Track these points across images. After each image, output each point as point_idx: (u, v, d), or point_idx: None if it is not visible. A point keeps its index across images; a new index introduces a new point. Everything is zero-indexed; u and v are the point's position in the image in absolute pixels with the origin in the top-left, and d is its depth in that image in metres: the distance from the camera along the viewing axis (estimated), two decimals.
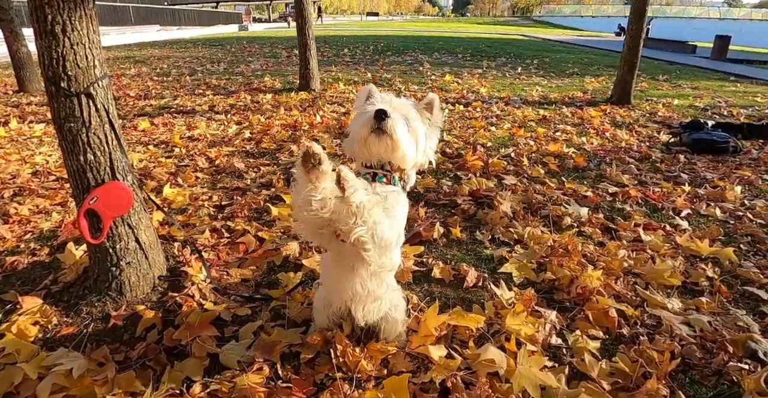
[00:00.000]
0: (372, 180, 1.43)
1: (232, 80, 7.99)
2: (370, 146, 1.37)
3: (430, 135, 1.50)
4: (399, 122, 1.35)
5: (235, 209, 2.79)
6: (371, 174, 1.45)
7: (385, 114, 1.32)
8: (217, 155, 3.89)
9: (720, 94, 8.32)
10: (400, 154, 1.39)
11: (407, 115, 1.41)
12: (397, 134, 1.34)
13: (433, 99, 1.50)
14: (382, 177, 1.45)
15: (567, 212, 2.89)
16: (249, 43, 15.66)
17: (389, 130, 1.33)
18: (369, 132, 1.34)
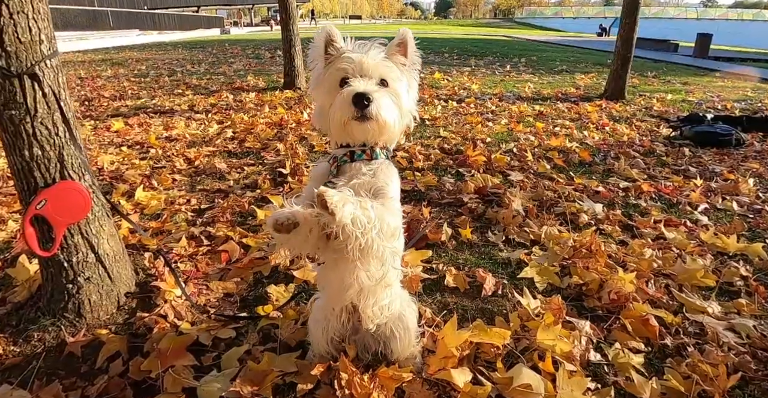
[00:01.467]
0: (351, 160, 1.23)
1: (213, 80, 7.65)
2: (352, 132, 1.15)
3: (410, 85, 1.25)
4: (384, 100, 1.12)
5: (216, 212, 2.48)
6: (348, 154, 1.24)
7: (367, 100, 1.08)
8: (197, 155, 3.57)
9: (710, 89, 8.26)
10: (387, 135, 1.19)
11: (387, 77, 1.17)
12: (383, 117, 1.11)
13: (405, 36, 1.23)
14: (362, 154, 1.24)
15: (582, 209, 2.66)
16: (231, 45, 15.25)
17: (374, 115, 1.10)
18: (349, 119, 1.11)
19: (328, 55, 1.22)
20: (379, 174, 1.22)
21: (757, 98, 7.48)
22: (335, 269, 1.23)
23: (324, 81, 1.20)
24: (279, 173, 3.11)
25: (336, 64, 1.17)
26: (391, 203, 1.18)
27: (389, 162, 1.28)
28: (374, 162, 1.24)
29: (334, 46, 1.21)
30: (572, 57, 13.20)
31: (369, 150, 1.25)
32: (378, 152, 1.26)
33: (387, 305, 1.33)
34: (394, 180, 1.25)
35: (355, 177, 1.20)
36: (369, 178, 1.20)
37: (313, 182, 1.26)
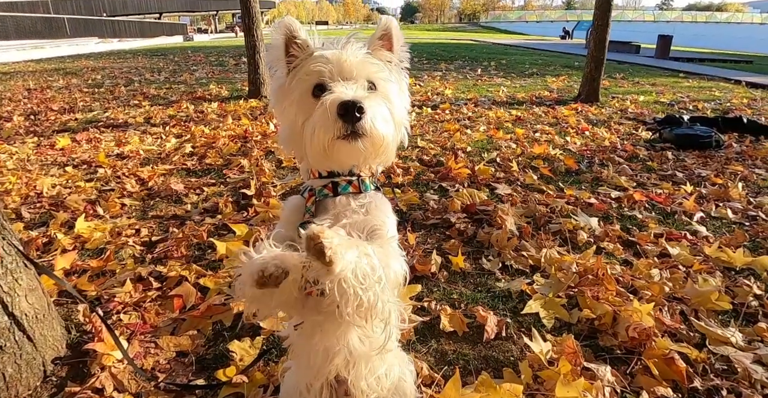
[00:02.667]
0: (333, 194, 0.97)
1: (173, 89, 7.21)
2: (338, 156, 0.87)
3: (401, 87, 0.98)
4: (378, 108, 0.85)
5: (169, 246, 2.14)
6: (330, 186, 0.97)
7: (359, 110, 0.81)
8: (151, 174, 3.21)
9: (678, 89, 8.34)
10: (383, 156, 0.91)
11: (375, 78, 0.91)
12: (380, 132, 0.85)
13: (389, 26, 0.97)
14: (347, 186, 0.98)
15: (579, 225, 2.45)
16: (194, 52, 14.68)
17: (368, 130, 0.83)
18: (333, 138, 0.83)
19: (291, 57, 0.95)
20: (373, 211, 0.96)
21: (725, 98, 7.57)
22: (318, 335, 0.95)
23: (290, 91, 0.92)
24: (243, 194, 2.78)
25: (305, 67, 0.91)
26: (391, 244, 0.92)
27: (381, 194, 1.02)
28: (364, 195, 0.98)
29: (297, 44, 0.94)
30: (540, 60, 13.27)
31: (357, 180, 0.99)
32: (368, 183, 1.00)
33: (385, 373, 1.06)
34: (390, 216, 0.99)
35: (343, 216, 0.94)
36: (361, 216, 0.94)
37: (285, 224, 0.98)
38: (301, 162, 1.03)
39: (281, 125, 0.98)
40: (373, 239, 0.92)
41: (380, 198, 1.01)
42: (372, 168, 1.01)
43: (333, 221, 0.92)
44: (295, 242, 0.90)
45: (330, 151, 0.85)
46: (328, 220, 0.92)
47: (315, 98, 0.88)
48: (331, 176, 0.98)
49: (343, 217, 0.94)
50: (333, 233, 0.74)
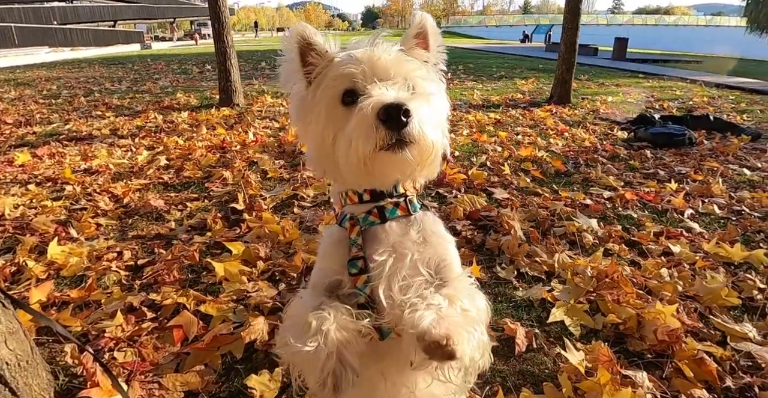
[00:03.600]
0: (381, 220, 0.85)
1: (137, 99, 6.87)
2: (381, 170, 0.75)
3: (439, 89, 0.88)
4: (424, 110, 0.74)
5: (158, 269, 1.95)
6: (376, 212, 0.86)
7: (406, 114, 0.70)
8: (126, 190, 2.98)
9: (642, 89, 8.62)
10: (431, 167, 0.80)
11: (414, 77, 0.81)
12: (428, 139, 0.73)
13: (424, 23, 0.87)
14: (395, 209, 0.86)
15: (582, 228, 2.42)
16: (154, 60, 14.15)
17: (416, 137, 0.72)
18: (375, 149, 0.72)
19: (310, 66, 0.84)
20: (431, 237, 0.85)
21: (686, 97, 7.88)
22: (382, 385, 0.86)
23: (315, 103, 0.81)
24: (232, 209, 2.61)
25: (331, 72, 0.80)
26: (467, 281, 0.82)
27: (430, 212, 0.91)
28: (415, 218, 0.87)
29: (316, 52, 0.83)
30: (506, 63, 13.50)
31: (404, 201, 0.87)
32: (416, 202, 0.89)
33: None
34: (449, 240, 0.89)
35: (401, 246, 0.82)
36: (420, 247, 0.83)
37: (329, 260, 0.87)
38: (336, 183, 0.91)
39: (307, 145, 0.87)
40: (441, 274, 0.82)
41: (431, 219, 0.90)
42: (416, 182, 0.90)
43: (389, 255, 0.81)
44: (343, 283, 0.84)
45: (371, 165, 0.73)
46: (385, 253, 0.81)
47: (346, 106, 0.77)
48: (374, 199, 0.87)
49: (401, 248, 0.82)
50: (459, 328, 0.66)
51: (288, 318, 0.81)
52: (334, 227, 0.91)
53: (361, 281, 0.81)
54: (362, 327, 0.76)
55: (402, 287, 0.79)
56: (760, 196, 3.09)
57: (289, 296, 1.74)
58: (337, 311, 0.75)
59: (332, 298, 0.81)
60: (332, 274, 0.84)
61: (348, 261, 0.83)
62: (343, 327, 0.73)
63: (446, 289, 0.78)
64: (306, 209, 2.58)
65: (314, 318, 0.72)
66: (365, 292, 0.81)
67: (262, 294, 1.71)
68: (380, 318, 0.80)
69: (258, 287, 1.77)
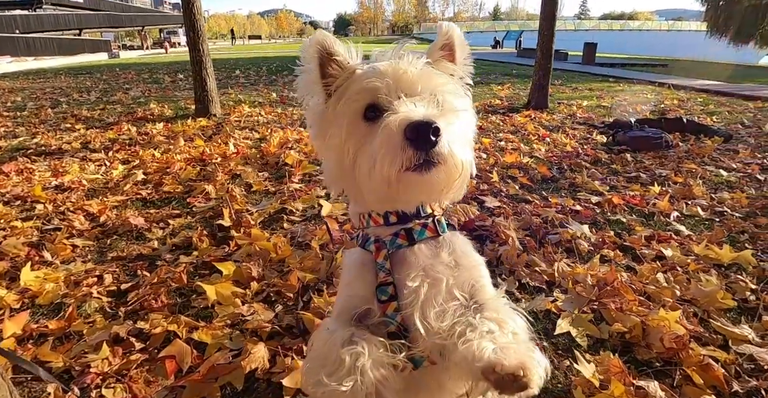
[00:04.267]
0: (408, 243, 0.81)
1: (108, 110, 6.63)
2: (406, 192, 0.72)
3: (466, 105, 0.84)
4: (453, 128, 0.71)
5: (144, 294, 1.84)
6: (403, 234, 0.82)
7: (435, 133, 0.66)
8: (102, 208, 2.83)
9: (614, 93, 8.84)
10: (458, 188, 0.77)
11: (442, 92, 0.77)
12: (458, 159, 0.70)
13: (450, 34, 0.83)
14: (424, 231, 0.83)
15: (576, 234, 2.42)
16: (123, 70, 13.76)
17: (445, 157, 0.68)
18: (401, 170, 0.68)
19: (329, 78, 0.80)
20: (462, 259, 0.81)
21: (658, 100, 8.10)
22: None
23: (336, 117, 0.77)
24: (218, 225, 2.50)
25: (354, 85, 0.76)
26: (503, 301, 0.79)
27: (457, 232, 0.88)
28: (444, 240, 0.83)
29: (337, 63, 0.79)
30: (480, 69, 13.59)
31: (432, 222, 0.83)
32: (444, 222, 0.86)
33: None
34: (480, 261, 0.85)
35: (433, 271, 0.78)
36: (454, 270, 0.79)
37: (354, 287, 0.82)
38: (356, 203, 0.87)
39: (325, 161, 0.82)
40: (476, 298, 0.78)
41: (460, 240, 0.86)
42: (442, 203, 0.86)
43: (422, 280, 0.77)
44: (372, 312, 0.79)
45: (396, 187, 0.69)
46: (417, 278, 0.77)
47: (368, 122, 0.74)
48: (401, 221, 0.82)
49: (434, 272, 0.78)
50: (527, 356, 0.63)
51: (315, 352, 0.75)
52: (357, 250, 0.86)
53: (391, 309, 0.77)
54: (398, 361, 0.71)
55: (438, 313, 0.75)
56: (739, 196, 3.17)
57: (287, 319, 1.66)
58: (371, 344, 0.70)
59: (361, 328, 0.76)
60: (360, 301, 0.79)
61: (376, 287, 0.78)
62: (379, 363, 0.68)
63: (488, 312, 0.74)
64: (296, 224, 2.49)
65: (348, 353, 0.68)
66: (396, 320, 0.77)
67: (259, 318, 1.62)
68: (414, 347, 0.76)
69: (253, 310, 1.68)
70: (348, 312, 0.79)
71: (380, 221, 0.83)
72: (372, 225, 0.84)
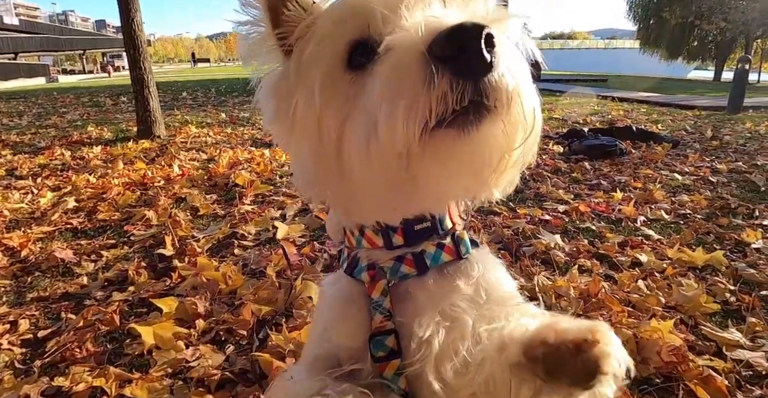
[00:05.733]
0: (418, 271, 0.56)
1: (41, 134, 6.11)
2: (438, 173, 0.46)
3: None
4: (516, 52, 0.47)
5: (66, 342, 1.53)
6: (410, 260, 0.57)
7: (490, 43, 0.39)
8: (24, 241, 2.47)
9: (563, 106, 9.13)
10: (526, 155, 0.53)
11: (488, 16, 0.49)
12: (526, 100, 0.46)
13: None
14: (440, 253, 0.58)
15: (550, 245, 2.32)
16: (61, 93, 12.97)
17: (509, 95, 0.42)
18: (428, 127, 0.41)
19: (285, 27, 0.54)
20: (495, 291, 0.58)
21: (605, 111, 8.42)
22: None
23: (302, 79, 0.51)
24: (159, 255, 2.21)
25: (328, 18, 0.50)
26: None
27: (486, 250, 0.65)
28: (466, 264, 0.60)
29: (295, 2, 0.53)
30: None
31: (452, 240, 0.60)
32: (467, 239, 0.62)
33: None
34: (516, 293, 0.62)
35: (453, 311, 0.54)
36: (483, 308, 0.55)
37: (333, 331, 0.58)
38: (346, 212, 0.59)
39: (294, 155, 0.58)
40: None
41: (489, 262, 0.63)
42: (490, 194, 0.57)
43: (440, 323, 0.53)
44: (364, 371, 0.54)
45: (420, 163, 0.43)
46: (431, 323, 0.52)
47: (356, 72, 0.47)
48: (409, 240, 0.57)
49: (455, 312, 0.54)
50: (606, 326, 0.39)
51: None
52: (341, 279, 0.62)
53: (391, 370, 0.54)
54: None
55: (460, 366, 0.51)
56: (698, 198, 3.23)
57: (241, 362, 1.41)
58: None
59: (339, 379, 0.52)
60: (344, 356, 0.55)
61: (370, 337, 0.54)
62: None
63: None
64: (249, 250, 2.23)
65: None
66: (398, 385, 0.53)
67: (206, 363, 1.36)
68: None
69: (200, 354, 1.42)
70: (322, 365, 0.56)
71: (378, 243, 0.59)
72: (365, 245, 0.61)
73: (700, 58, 25.30)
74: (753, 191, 3.50)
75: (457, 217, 0.63)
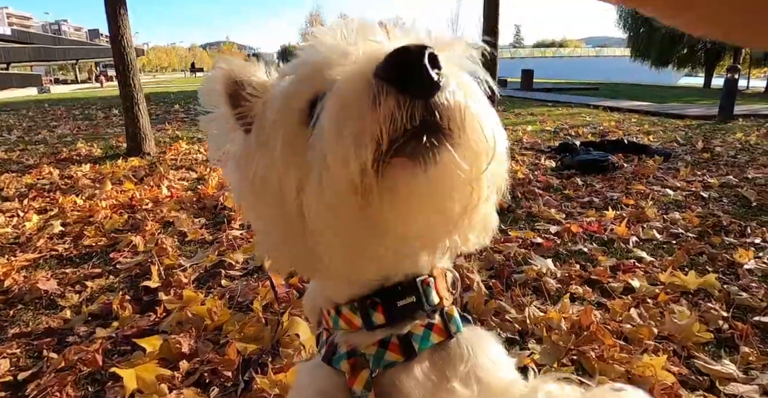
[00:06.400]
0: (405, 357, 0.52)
1: (29, 151, 6.05)
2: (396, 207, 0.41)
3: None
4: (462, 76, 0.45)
5: (47, 385, 1.48)
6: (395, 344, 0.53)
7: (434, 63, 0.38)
8: (8, 269, 2.42)
9: (555, 117, 9.17)
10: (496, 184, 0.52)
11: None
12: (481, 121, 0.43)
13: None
14: (429, 335, 0.54)
15: (541, 271, 2.30)
16: (52, 105, 12.91)
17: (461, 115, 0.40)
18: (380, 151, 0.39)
19: (242, 107, 0.56)
20: (488, 374, 0.54)
21: (596, 122, 8.46)
22: None
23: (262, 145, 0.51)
24: (144, 288, 2.16)
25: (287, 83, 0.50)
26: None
27: (477, 328, 0.61)
28: (457, 344, 0.56)
29: (252, 87, 0.56)
30: None
31: (440, 317, 0.56)
32: (456, 315, 0.58)
33: None
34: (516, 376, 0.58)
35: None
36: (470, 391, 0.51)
37: None
38: (316, 275, 0.57)
39: (259, 221, 0.55)
40: None
41: (483, 341, 0.59)
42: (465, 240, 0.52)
43: None
44: None
45: (378, 196, 0.40)
46: None
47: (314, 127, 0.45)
48: (391, 320, 0.53)
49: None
50: None
51: None
52: (318, 368, 0.56)
53: None
54: None
55: None
56: (690, 216, 3.22)
57: None
58: None
59: None
60: None
61: None
62: None
63: None
64: (236, 281, 2.20)
65: None
66: None
67: None
68: None
69: None
70: None
71: (357, 323, 0.54)
72: (343, 326, 0.56)
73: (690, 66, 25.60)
74: (744, 206, 3.50)
75: (445, 291, 0.60)
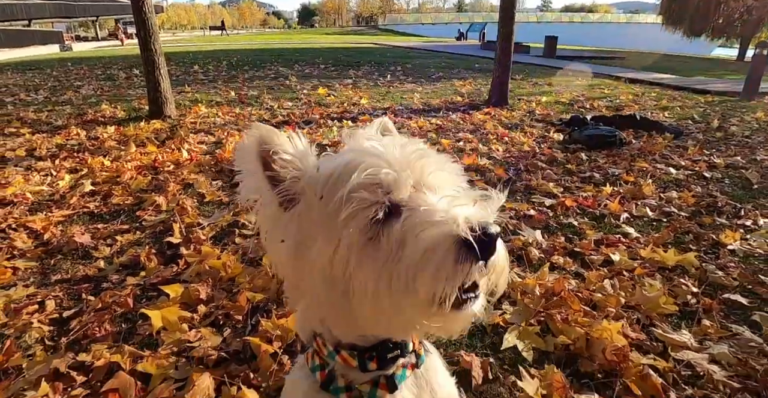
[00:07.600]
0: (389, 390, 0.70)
1: (57, 112, 6.32)
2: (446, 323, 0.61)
3: None
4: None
5: (87, 322, 1.77)
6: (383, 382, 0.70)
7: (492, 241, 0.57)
8: (46, 224, 2.71)
9: (573, 88, 9.04)
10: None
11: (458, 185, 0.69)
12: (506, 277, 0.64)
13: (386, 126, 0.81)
14: (405, 372, 0.72)
15: (527, 241, 2.48)
16: (75, 64, 13.10)
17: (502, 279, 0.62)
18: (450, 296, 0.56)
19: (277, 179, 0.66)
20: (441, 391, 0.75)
21: (614, 95, 8.35)
22: None
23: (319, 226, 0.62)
24: (168, 243, 2.43)
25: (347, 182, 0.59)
26: None
27: (434, 355, 0.80)
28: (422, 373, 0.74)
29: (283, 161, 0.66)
30: (443, 63, 13.69)
31: (413, 357, 0.73)
32: (423, 353, 0.76)
33: None
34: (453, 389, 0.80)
35: None
36: None
37: None
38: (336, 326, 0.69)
39: (294, 275, 0.67)
40: None
41: (440, 369, 0.78)
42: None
43: None
44: None
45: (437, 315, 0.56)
46: None
47: (374, 226, 0.58)
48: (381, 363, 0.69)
49: None
50: None
51: None
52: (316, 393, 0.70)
53: None
54: None
55: None
56: (686, 195, 3.29)
57: (235, 344, 1.64)
58: None
59: None
60: None
61: None
62: None
63: None
64: (248, 239, 2.45)
65: None
66: None
67: (206, 344, 1.59)
68: None
69: (200, 336, 1.65)
70: None
71: (353, 364, 0.68)
72: (338, 361, 0.69)
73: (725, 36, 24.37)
74: (745, 188, 3.55)
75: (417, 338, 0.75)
